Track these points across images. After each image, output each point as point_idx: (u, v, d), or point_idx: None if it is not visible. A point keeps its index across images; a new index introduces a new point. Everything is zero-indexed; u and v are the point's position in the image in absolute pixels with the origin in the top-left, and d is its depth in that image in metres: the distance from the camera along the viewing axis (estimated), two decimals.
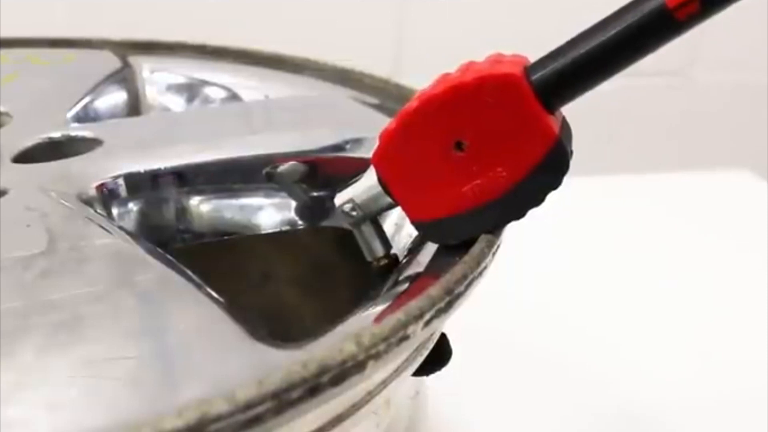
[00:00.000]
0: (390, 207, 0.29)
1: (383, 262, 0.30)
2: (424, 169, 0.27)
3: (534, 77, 0.25)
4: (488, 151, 0.26)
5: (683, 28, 0.25)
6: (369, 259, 0.30)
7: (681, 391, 0.49)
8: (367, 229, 0.30)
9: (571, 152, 0.27)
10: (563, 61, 0.25)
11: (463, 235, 0.28)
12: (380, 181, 0.28)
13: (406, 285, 0.28)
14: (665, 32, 0.25)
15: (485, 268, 0.27)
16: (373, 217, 0.29)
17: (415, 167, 0.27)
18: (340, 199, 0.29)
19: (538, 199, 0.27)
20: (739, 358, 0.51)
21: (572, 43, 0.26)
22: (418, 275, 0.28)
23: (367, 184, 0.28)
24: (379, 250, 0.30)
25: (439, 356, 0.29)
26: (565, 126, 0.27)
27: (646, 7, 0.24)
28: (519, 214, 0.27)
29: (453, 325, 0.28)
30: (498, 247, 0.28)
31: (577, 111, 0.27)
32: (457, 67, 0.27)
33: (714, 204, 0.76)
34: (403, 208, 0.28)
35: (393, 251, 0.30)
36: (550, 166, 0.26)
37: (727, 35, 0.91)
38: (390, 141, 0.27)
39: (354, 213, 0.29)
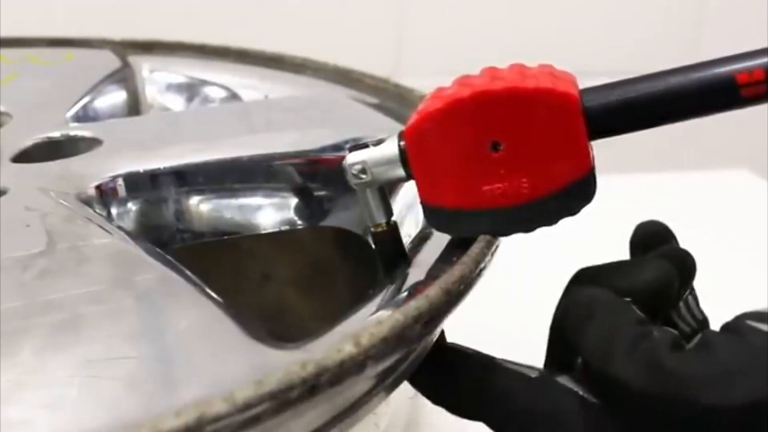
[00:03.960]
0: (400, 181, 0.28)
1: (380, 229, 0.29)
2: (452, 156, 0.27)
3: (587, 104, 0.26)
4: (521, 160, 0.26)
5: (743, 104, 0.25)
6: (368, 224, 0.30)
7: None
8: (372, 195, 0.29)
9: None
10: (619, 98, 0.26)
11: (466, 231, 0.28)
12: (402, 153, 0.28)
13: (405, 285, 0.28)
14: (725, 103, 0.25)
15: (484, 268, 0.27)
16: (378, 185, 0.29)
17: (444, 152, 0.27)
18: (352, 158, 0.28)
19: (551, 220, 0.27)
20: None
21: (632, 82, 0.26)
22: (416, 276, 0.28)
23: (384, 152, 0.28)
24: (379, 217, 0.29)
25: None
26: (593, 163, 0.27)
27: (716, 75, 0.25)
28: (527, 229, 0.27)
29: (453, 325, 0.28)
30: (497, 247, 0.28)
31: None
32: (479, 68, 0.27)
33: (713, 203, 0.76)
34: (418, 187, 0.28)
35: (393, 219, 0.30)
36: (576, 193, 0.26)
37: (727, 35, 0.91)
38: (429, 120, 0.27)
39: (362, 176, 0.28)
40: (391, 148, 0.28)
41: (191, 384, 0.22)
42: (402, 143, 0.28)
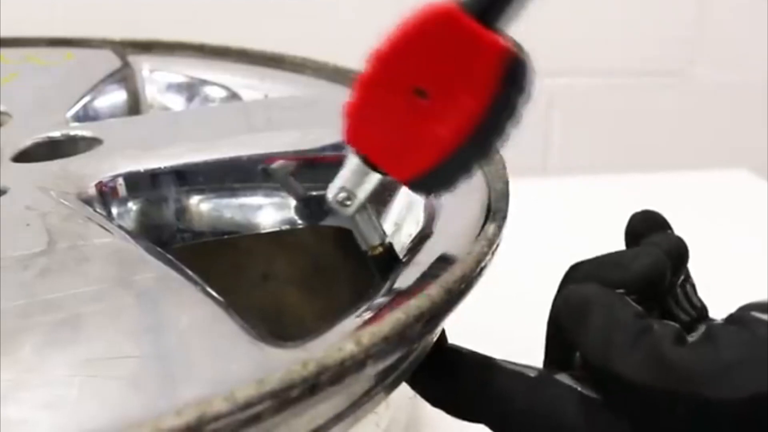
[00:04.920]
0: (381, 182, 0.29)
1: (378, 250, 0.30)
2: (396, 127, 0.27)
3: (466, 2, 0.25)
4: (448, 87, 0.26)
5: None
6: (364, 248, 0.30)
7: None
8: (362, 219, 0.29)
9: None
10: None
11: (456, 177, 0.28)
12: (360, 157, 0.28)
13: (405, 284, 0.28)
14: None
15: (484, 267, 0.27)
16: (368, 199, 0.29)
17: (387, 129, 0.27)
18: (331, 190, 0.29)
19: (513, 116, 0.26)
20: None
21: None
22: (417, 275, 0.28)
23: (351, 168, 0.28)
24: (374, 239, 0.30)
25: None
26: (517, 44, 0.26)
27: None
28: (500, 136, 0.27)
29: (452, 324, 0.28)
30: (497, 246, 0.28)
31: (576, 110, 0.27)
32: None
33: (713, 203, 0.76)
34: (391, 173, 0.28)
35: (388, 240, 0.30)
36: (512, 79, 0.26)
37: (727, 35, 0.91)
38: (355, 113, 0.27)
39: (348, 202, 0.29)
40: (353, 159, 0.28)
41: (192, 383, 0.22)
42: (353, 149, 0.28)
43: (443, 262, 0.28)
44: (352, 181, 0.28)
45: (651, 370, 0.24)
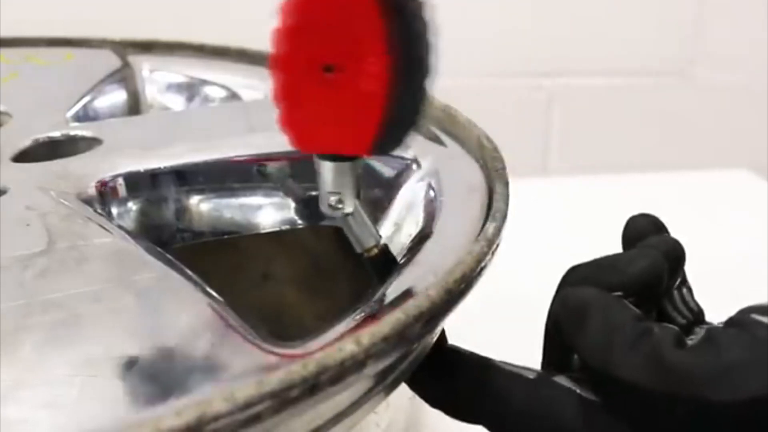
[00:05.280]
0: (360, 170, 0.28)
1: (373, 252, 0.30)
2: (331, 111, 0.27)
3: None
4: (349, 48, 0.26)
5: None
6: (359, 250, 0.30)
7: None
8: (354, 221, 0.29)
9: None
10: None
11: (411, 122, 0.27)
12: (321, 157, 0.28)
13: (405, 285, 0.28)
14: None
15: (484, 267, 0.27)
16: (357, 193, 0.29)
17: (325, 118, 0.27)
18: (321, 199, 0.29)
19: (428, 47, 0.26)
20: None
21: None
22: (416, 275, 0.28)
23: (322, 171, 0.28)
24: (369, 241, 0.30)
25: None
26: None
27: None
28: (429, 69, 0.26)
29: (453, 324, 0.28)
30: (497, 246, 0.28)
31: (576, 110, 0.27)
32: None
33: (713, 203, 0.76)
34: (354, 152, 0.28)
35: (382, 242, 0.30)
36: (404, 15, 0.25)
37: (727, 35, 0.91)
38: (291, 122, 0.27)
39: (341, 204, 0.29)
40: (318, 162, 0.28)
41: (191, 383, 0.22)
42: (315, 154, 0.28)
43: (443, 261, 0.28)
44: (330, 181, 0.28)
45: (651, 372, 0.24)
